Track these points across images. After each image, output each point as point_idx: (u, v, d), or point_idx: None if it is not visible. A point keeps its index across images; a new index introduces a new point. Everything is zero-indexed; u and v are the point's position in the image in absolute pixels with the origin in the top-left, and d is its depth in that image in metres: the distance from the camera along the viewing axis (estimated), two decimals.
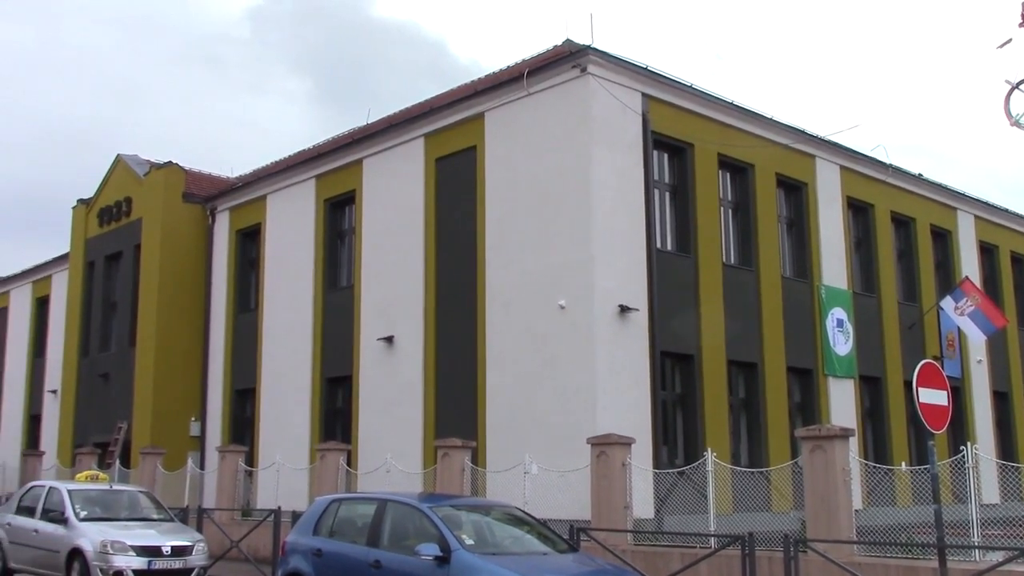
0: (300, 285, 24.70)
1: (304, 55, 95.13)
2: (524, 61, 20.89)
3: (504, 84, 20.20)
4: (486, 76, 22.28)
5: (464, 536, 10.54)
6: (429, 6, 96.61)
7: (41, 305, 35.45)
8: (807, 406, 22.44)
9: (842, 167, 24.45)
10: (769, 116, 22.22)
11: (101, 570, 14.55)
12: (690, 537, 14.28)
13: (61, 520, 15.66)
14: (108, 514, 16.14)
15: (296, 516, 14.05)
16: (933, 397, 11.37)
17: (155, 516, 16.83)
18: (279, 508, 17.10)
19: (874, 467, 15.51)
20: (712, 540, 13.68)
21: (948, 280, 27.19)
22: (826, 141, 23.79)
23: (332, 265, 24.46)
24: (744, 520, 14.76)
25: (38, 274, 35.72)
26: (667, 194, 20.46)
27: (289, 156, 27.11)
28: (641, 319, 18.49)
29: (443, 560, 10.04)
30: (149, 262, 27.46)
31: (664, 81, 19.89)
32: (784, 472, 16.07)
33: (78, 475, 19.52)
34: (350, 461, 20.28)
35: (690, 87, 20.34)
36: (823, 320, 22.91)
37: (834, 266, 23.60)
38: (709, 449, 14.99)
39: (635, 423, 17.29)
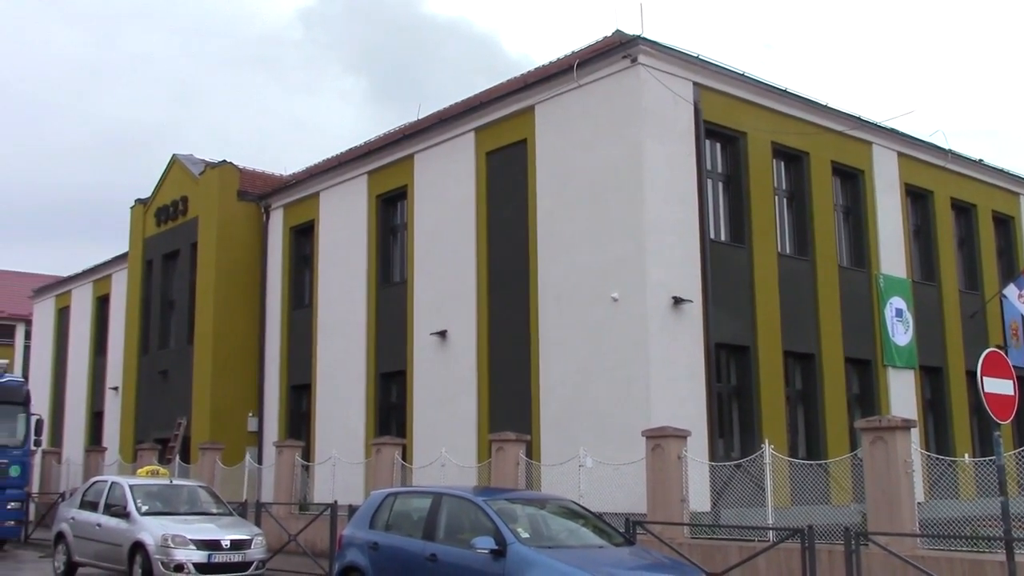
0: (353, 281, 24.86)
1: (357, 54, 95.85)
2: (574, 53, 20.78)
3: (554, 76, 20.11)
4: (536, 69, 22.23)
5: (519, 529, 10.52)
6: (479, 2, 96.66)
7: (102, 304, 36.10)
8: (866, 397, 22.09)
9: (900, 153, 23.99)
10: (823, 103, 21.87)
11: (162, 564, 14.77)
12: (748, 530, 14.11)
13: (123, 515, 15.94)
14: (169, 508, 16.41)
15: (352, 510, 14.13)
16: (998, 387, 11.10)
17: (214, 510, 17.06)
18: (335, 502, 17.24)
19: (936, 459, 15.18)
20: (770, 533, 13.50)
21: (1011, 267, 26.58)
22: (883, 127, 23.35)
23: (385, 260, 24.58)
24: (803, 513, 14.55)
25: (98, 273, 36.38)
26: (720, 184, 20.23)
27: (341, 153, 27.28)
28: (695, 311, 18.31)
29: (499, 553, 10.04)
30: (205, 260, 27.82)
31: (715, 70, 19.66)
32: (843, 464, 15.81)
33: (139, 470, 19.87)
34: (405, 455, 20.36)
35: (742, 75, 20.08)
36: (882, 310, 22.52)
37: (892, 255, 23.17)
38: (766, 441, 14.80)
39: (690, 416, 17.12)
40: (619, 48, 18.79)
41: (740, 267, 19.72)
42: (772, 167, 20.98)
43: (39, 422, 24.12)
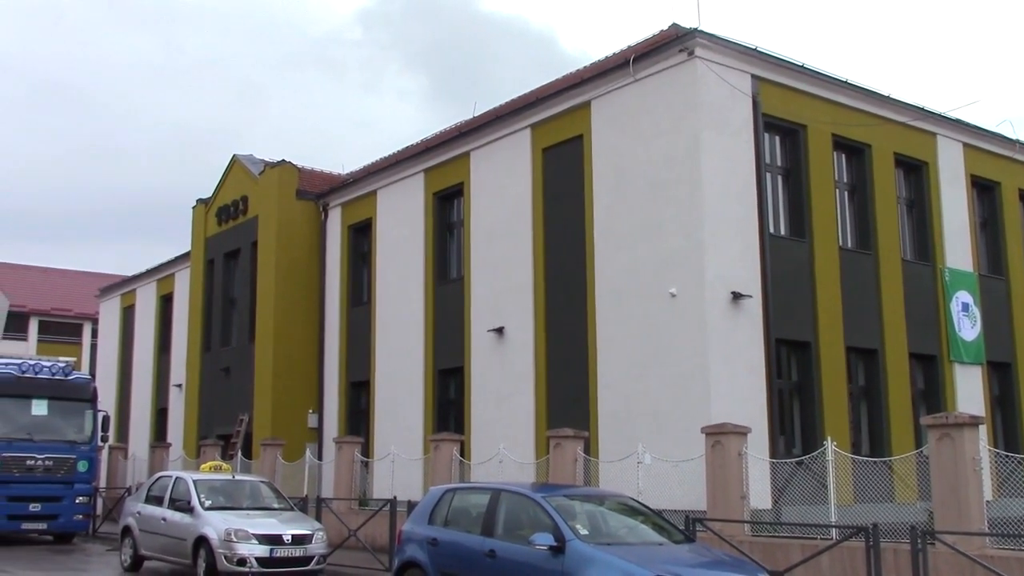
0: (411, 278, 24.99)
1: (416, 53, 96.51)
2: (630, 47, 20.66)
3: (610, 71, 20.01)
4: (591, 64, 22.12)
5: (578, 526, 10.49)
6: (535, 0, 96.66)
7: (165, 302, 36.75)
8: (931, 393, 21.66)
9: (965, 144, 23.46)
10: (886, 94, 21.47)
11: (226, 558, 15.00)
12: (810, 528, 13.91)
13: (187, 509, 16.20)
14: (231, 503, 16.65)
15: (411, 506, 14.21)
16: None
17: (276, 505, 17.28)
18: (395, 498, 17.35)
19: (1006, 456, 14.82)
20: (833, 531, 13.29)
21: None
22: (947, 118, 22.85)
23: (442, 258, 24.67)
24: (866, 511, 14.32)
25: (162, 273, 37.04)
26: (779, 177, 19.97)
27: (398, 151, 27.43)
28: (754, 306, 18.10)
29: (558, 550, 10.02)
30: (265, 258, 28.18)
31: (774, 62, 19.40)
32: (908, 462, 15.53)
33: (202, 466, 20.19)
34: (463, 452, 20.42)
35: (801, 67, 19.79)
36: (947, 304, 22.05)
37: (958, 248, 22.68)
38: (829, 438, 14.57)
39: (750, 412, 16.93)
40: (676, 41, 18.64)
41: (800, 261, 19.45)
42: (833, 160, 20.66)
43: (106, 418, 24.64)
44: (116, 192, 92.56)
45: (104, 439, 24.92)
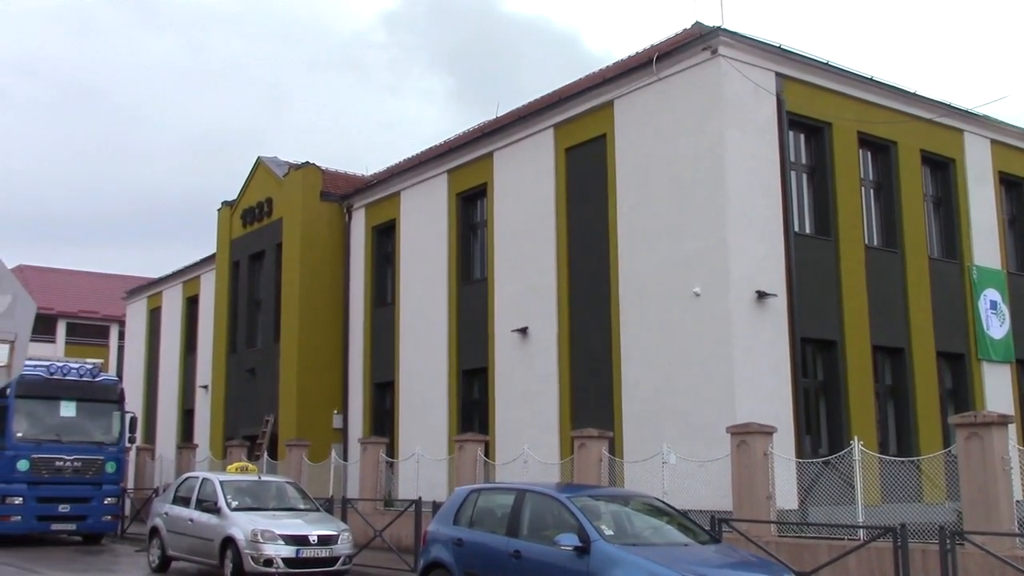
0: (435, 279, 25.03)
1: (440, 55, 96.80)
2: (653, 46, 20.61)
3: (633, 70, 19.96)
4: (614, 63, 22.09)
5: (603, 526, 10.47)
6: (558, 0, 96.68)
7: (191, 304, 37.00)
8: (959, 392, 21.45)
9: (993, 141, 23.23)
10: (912, 91, 21.29)
11: (252, 558, 15.07)
12: (838, 528, 13.82)
13: (214, 510, 16.30)
14: (258, 504, 16.74)
15: (436, 506, 14.23)
16: None
17: (302, 506, 17.36)
18: (420, 498, 17.38)
19: None
20: (861, 532, 13.20)
21: None
22: (974, 115, 22.64)
23: (465, 258, 24.70)
24: (894, 511, 14.21)
25: (188, 275, 37.29)
26: (804, 176, 19.86)
27: (421, 152, 27.49)
28: (780, 305, 18.01)
29: (583, 550, 10.00)
30: (290, 260, 28.31)
31: (798, 59, 19.29)
32: (936, 461, 15.38)
33: (229, 466, 20.30)
34: (487, 452, 20.43)
35: (826, 64, 19.66)
36: (975, 302, 21.85)
37: (986, 245, 22.46)
38: (856, 437, 14.47)
39: (776, 411, 16.84)
40: (699, 40, 18.57)
41: (826, 260, 19.33)
42: (858, 157, 20.52)
43: (133, 420, 24.83)
44: (143, 195, 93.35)
45: (131, 440, 25.12)
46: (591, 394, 20.21)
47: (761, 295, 17.73)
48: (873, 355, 19.83)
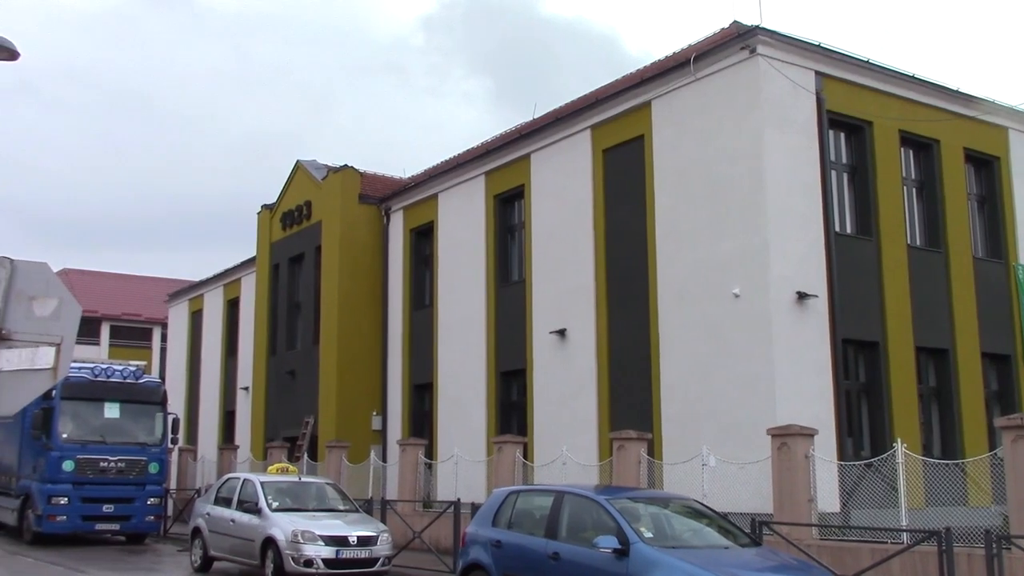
0: (472, 281, 25.08)
1: (480, 57, 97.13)
2: (691, 46, 20.51)
3: (671, 71, 19.87)
4: (652, 64, 22.00)
5: (643, 529, 10.42)
6: (596, 2, 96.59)
7: (232, 307, 37.35)
8: (1005, 394, 21.11)
9: None
10: (954, 88, 21.00)
11: (292, 559, 15.17)
12: (880, 532, 13.65)
13: (255, 511, 16.42)
14: (298, 505, 16.84)
15: (475, 508, 14.24)
16: None
17: (341, 507, 17.44)
18: (458, 500, 17.41)
19: None
20: (904, 535, 13.03)
21: None
22: (1019, 111, 22.28)
23: (503, 260, 24.72)
24: (938, 515, 14.03)
25: (228, 278, 37.65)
26: (845, 175, 19.66)
27: (458, 154, 27.56)
28: (820, 306, 17.84)
29: (622, 553, 9.96)
30: (329, 263, 28.50)
31: (838, 57, 19.10)
32: (982, 464, 15.15)
33: (269, 468, 20.45)
34: (526, 454, 20.43)
35: (867, 62, 19.45)
36: (1021, 302, 21.48)
37: None
38: (899, 440, 14.29)
39: (817, 414, 16.67)
40: (737, 39, 18.45)
41: (867, 260, 19.12)
42: (900, 156, 20.28)
43: (175, 421, 25.08)
44: (186, 199, 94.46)
45: (174, 441, 25.37)
46: (629, 396, 20.13)
47: (801, 296, 17.57)
48: (916, 356, 19.58)
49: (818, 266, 18.02)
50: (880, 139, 19.68)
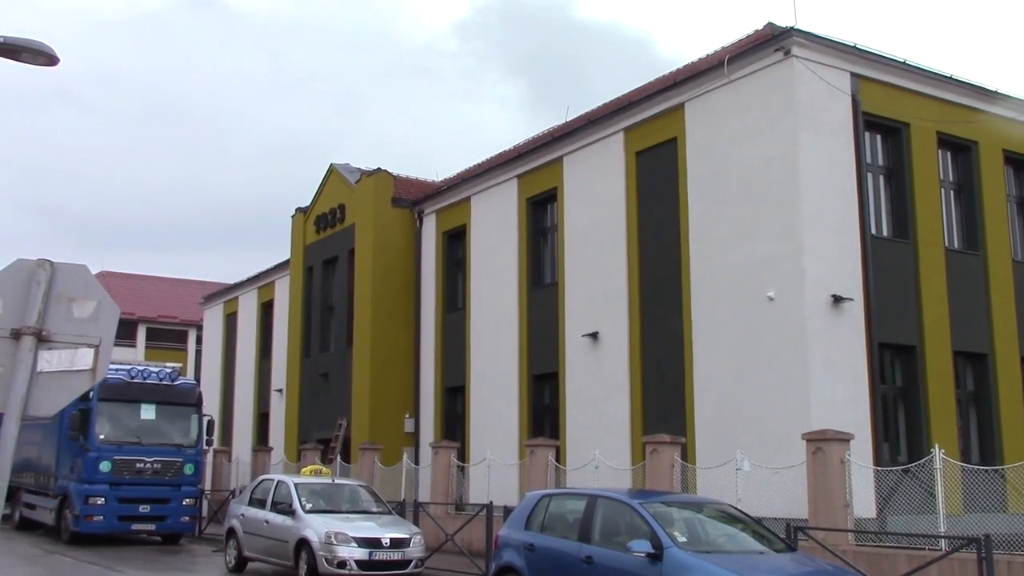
0: (505, 284, 25.08)
1: (514, 61, 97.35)
2: (724, 48, 20.39)
3: (704, 73, 19.77)
4: (685, 66, 21.90)
5: (676, 533, 10.36)
6: (631, 4, 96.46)
7: (266, 309, 37.60)
8: None
9: None
10: (993, 89, 20.72)
11: (326, 560, 15.23)
12: (918, 538, 13.48)
13: (289, 512, 16.51)
14: (331, 507, 16.91)
15: (508, 511, 14.22)
16: None
17: (374, 509, 17.49)
18: (491, 503, 17.41)
19: None
20: (943, 542, 12.86)
21: None
22: None
23: (536, 263, 24.70)
24: (977, 521, 13.82)
25: (263, 280, 37.90)
26: (881, 177, 19.46)
27: (491, 157, 27.58)
28: (856, 309, 17.66)
29: (655, 557, 9.90)
30: (362, 266, 28.62)
31: (874, 59, 18.91)
32: (1022, 470, 14.92)
33: (303, 469, 20.55)
34: (558, 457, 20.39)
35: (903, 63, 19.25)
36: None
37: None
38: (936, 445, 14.11)
39: (853, 418, 16.50)
40: (771, 41, 18.33)
41: (904, 263, 18.91)
42: (938, 158, 20.04)
43: (210, 422, 25.28)
44: (220, 202, 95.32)
45: (209, 443, 25.57)
46: (662, 399, 20.04)
47: (837, 299, 17.41)
48: (954, 360, 19.33)
49: (854, 269, 17.84)
50: (917, 141, 19.46)
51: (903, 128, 19.41)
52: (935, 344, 18.90)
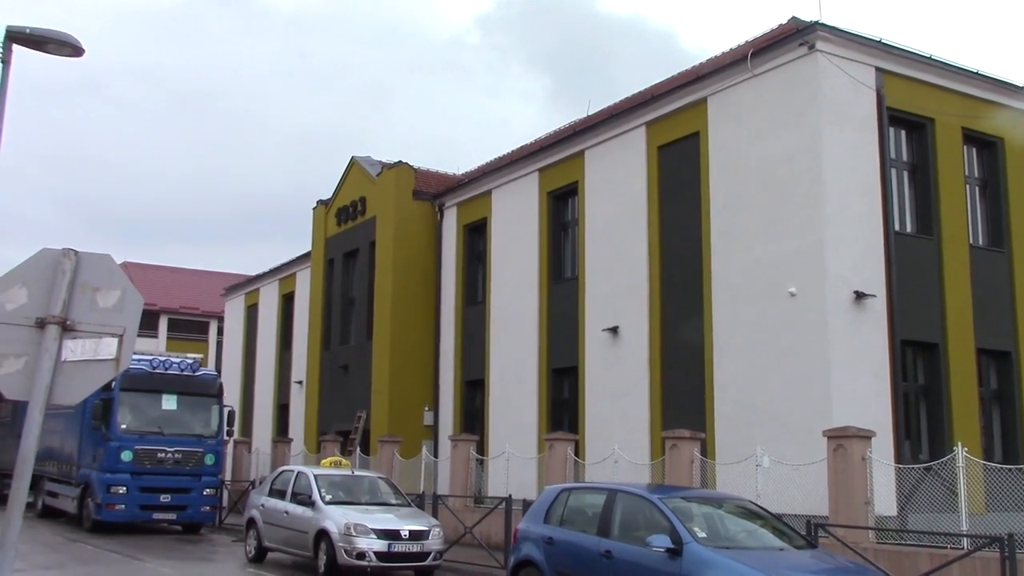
0: (525, 277, 25.06)
1: (538, 55, 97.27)
2: (748, 42, 20.27)
3: (727, 67, 19.67)
4: (708, 60, 21.80)
5: (696, 529, 10.34)
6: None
7: (287, 301, 37.72)
8: None
9: None
10: (1020, 84, 20.51)
11: (345, 551, 15.28)
12: (940, 537, 13.39)
13: (309, 503, 16.57)
14: (351, 498, 16.96)
15: (526, 504, 14.22)
16: None
17: (393, 501, 17.54)
18: (510, 496, 17.42)
19: None
20: (965, 541, 12.77)
21: None
22: None
23: (556, 257, 24.67)
24: (999, 520, 13.70)
25: (284, 272, 38.02)
26: (905, 173, 19.30)
27: (513, 151, 27.55)
28: (879, 306, 17.54)
29: (675, 552, 9.88)
30: (383, 258, 28.67)
31: (899, 54, 18.75)
32: None
33: (323, 461, 20.62)
34: (577, 451, 20.37)
35: (928, 58, 19.08)
36: None
37: None
38: (959, 443, 14.00)
39: (874, 416, 16.40)
40: (795, 35, 18.20)
41: (927, 259, 18.76)
42: (963, 154, 19.86)
43: (231, 413, 25.41)
44: (244, 195, 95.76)
45: (229, 433, 25.69)
46: (682, 395, 19.98)
47: (859, 295, 17.30)
48: (978, 358, 19.18)
49: (876, 265, 17.73)
50: (942, 136, 19.30)
51: (928, 123, 19.25)
52: (958, 341, 18.75)
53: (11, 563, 4.74)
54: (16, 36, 11.91)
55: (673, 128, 21.02)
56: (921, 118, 19.19)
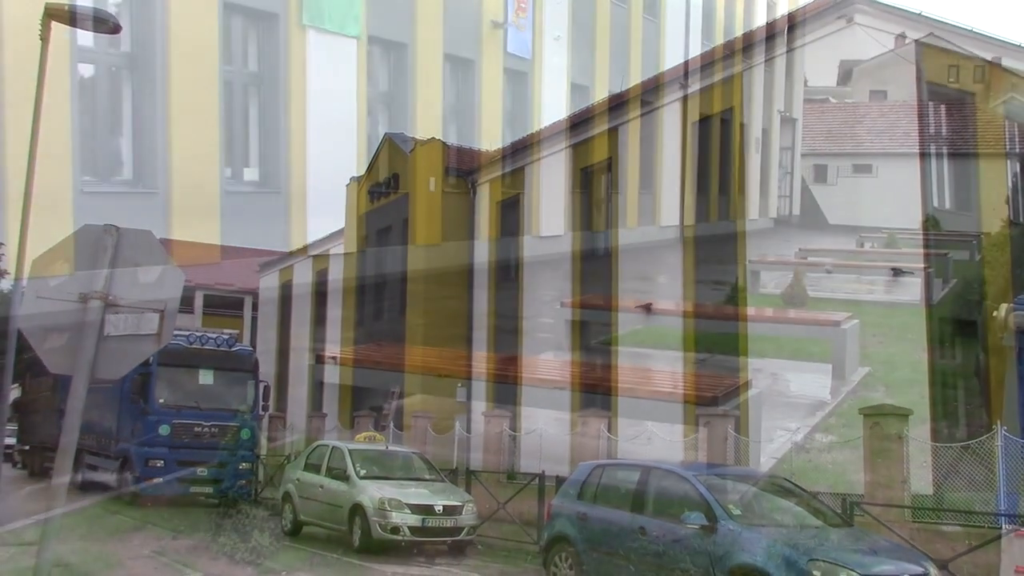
0: (557, 254, 24.96)
1: (571, 30, 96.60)
2: (784, 16, 20.01)
3: (763, 41, 19.42)
4: (744, 34, 21.54)
5: (731, 506, 10.31)
6: None
7: (321, 278, 37.75)
8: None
9: None
10: None
11: (380, 525, 15.38)
12: (977, 516, 13.26)
13: (343, 477, 16.69)
14: (385, 473, 17.04)
15: (560, 481, 14.24)
16: None
17: (427, 476, 17.60)
18: (543, 472, 17.44)
19: None
20: (1003, 520, 12.63)
21: None
22: None
23: (588, 233, 24.53)
24: None
25: (318, 249, 37.98)
26: (944, 146, 19.03)
27: (545, 127, 27.39)
28: (916, 283, 17.32)
29: (709, 529, 9.87)
30: (415, 235, 28.66)
31: (939, 26, 18.42)
32: None
33: (357, 436, 20.74)
34: (610, 428, 20.31)
35: (970, 31, 18.74)
36: None
37: None
38: (998, 422, 13.84)
39: (911, 394, 16.24)
40: (833, 8, 17.96)
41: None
42: (1004, 128, 19.51)
43: (267, 388, 25.59)
44: (277, 171, 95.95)
45: (265, 408, 25.87)
46: (717, 370, 19.85)
47: (896, 272, 17.10)
48: (1017, 337, 18.87)
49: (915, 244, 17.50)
50: (982, 111, 18.97)
51: (968, 97, 18.94)
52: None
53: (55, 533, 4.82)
54: (55, 12, 12.01)
55: (708, 103, 20.80)
56: (960, 92, 18.88)
